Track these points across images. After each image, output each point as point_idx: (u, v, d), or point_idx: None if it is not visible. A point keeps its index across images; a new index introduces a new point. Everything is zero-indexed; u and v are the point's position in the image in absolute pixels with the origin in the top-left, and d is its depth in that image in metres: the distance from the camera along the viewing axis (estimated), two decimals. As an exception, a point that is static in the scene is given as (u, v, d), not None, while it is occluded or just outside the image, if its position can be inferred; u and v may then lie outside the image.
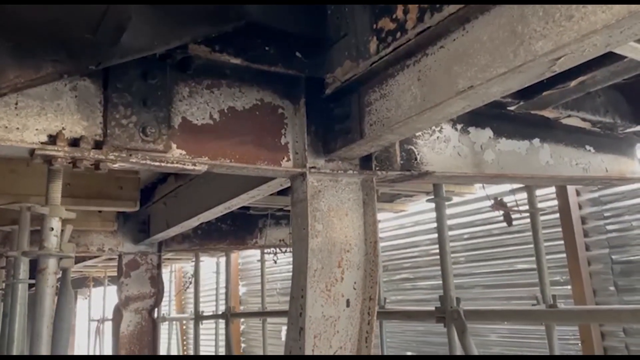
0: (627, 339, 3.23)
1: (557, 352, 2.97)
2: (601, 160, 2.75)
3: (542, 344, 3.49)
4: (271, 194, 4.04)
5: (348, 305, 2.09)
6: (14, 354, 2.57)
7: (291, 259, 2.11)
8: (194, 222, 3.40)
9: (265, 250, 5.99)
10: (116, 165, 1.60)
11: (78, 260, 5.19)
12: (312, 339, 1.98)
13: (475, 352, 2.67)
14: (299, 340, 1.97)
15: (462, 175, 2.33)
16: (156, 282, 4.13)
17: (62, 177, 1.68)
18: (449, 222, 3.15)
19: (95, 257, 4.91)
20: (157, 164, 1.66)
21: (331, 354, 2.04)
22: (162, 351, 8.10)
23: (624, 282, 3.25)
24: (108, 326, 7.79)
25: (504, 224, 4.14)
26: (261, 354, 6.40)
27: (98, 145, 1.55)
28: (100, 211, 3.44)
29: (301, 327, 1.97)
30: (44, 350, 1.57)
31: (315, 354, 1.99)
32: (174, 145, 1.71)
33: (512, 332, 4.02)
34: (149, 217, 4.01)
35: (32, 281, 2.24)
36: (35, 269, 1.69)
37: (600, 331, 3.32)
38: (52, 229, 1.62)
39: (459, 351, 2.83)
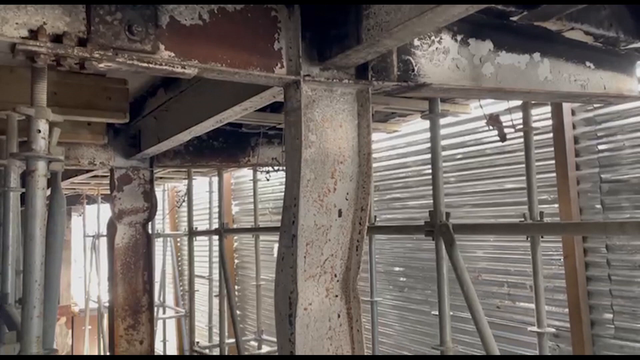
0: (609, 254, 3.34)
1: (540, 267, 3.07)
2: (600, 77, 2.70)
3: (526, 260, 3.62)
4: (263, 111, 4.00)
5: (340, 215, 2.11)
6: (9, 261, 2.61)
7: (283, 179, 2.11)
8: (185, 137, 3.36)
9: (258, 169, 6.02)
10: (102, 65, 1.54)
11: (70, 174, 5.19)
12: (304, 246, 2.02)
13: (462, 264, 2.75)
14: (291, 247, 2.01)
15: (459, 88, 2.28)
16: (149, 196, 4.15)
17: (46, 77, 1.62)
18: (442, 142, 3.14)
19: (87, 171, 4.91)
20: (144, 65, 1.59)
21: (322, 260, 2.09)
22: (157, 266, 8.34)
23: (611, 200, 3.31)
24: (103, 242, 7.95)
25: (497, 144, 4.15)
26: (254, 269, 6.61)
27: (82, 43, 1.48)
28: (89, 123, 3.37)
29: (293, 235, 2.00)
30: (38, 251, 1.59)
31: (307, 260, 2.04)
32: (162, 47, 1.64)
33: (498, 249, 4.15)
34: (140, 131, 3.96)
35: (24, 190, 2.24)
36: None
37: (584, 247, 3.43)
38: (39, 131, 1.58)
39: (446, 264, 2.92)
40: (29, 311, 1.54)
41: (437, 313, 3.01)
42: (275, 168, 5.29)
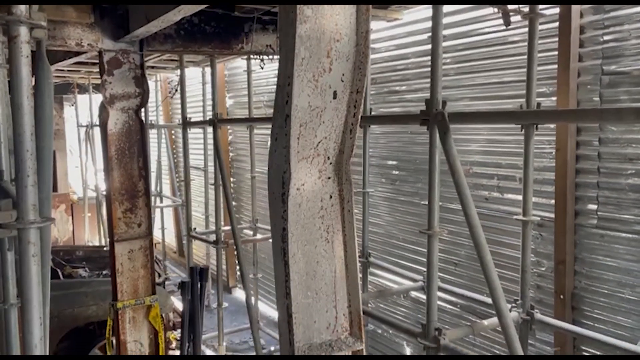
0: (600, 147, 3.35)
1: (531, 158, 3.09)
2: (615, -42, 2.54)
3: (517, 153, 3.65)
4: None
5: (335, 97, 2.07)
6: (1, 139, 2.59)
7: (277, 70, 2.03)
8: (174, 16, 3.20)
9: (252, 58, 5.85)
10: None
11: (57, 58, 5.02)
12: (298, 127, 2.00)
13: (455, 152, 2.76)
14: (284, 127, 1.99)
15: (465, -37, 2.14)
16: (140, 82, 4.05)
17: None
18: (444, 32, 2.99)
19: (75, 54, 4.75)
20: None
21: (316, 143, 2.09)
22: (153, 157, 8.39)
23: (610, 93, 3.26)
24: (97, 132, 7.92)
25: (500, 34, 4.01)
26: (249, 162, 6.67)
27: None
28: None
29: (287, 115, 1.97)
30: (27, 121, 1.57)
31: (300, 142, 2.03)
32: None
33: (491, 142, 4.16)
34: (127, 11, 3.77)
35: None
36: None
37: (576, 140, 3.44)
38: (18, -7, 1.49)
39: (438, 156, 2.93)
40: (23, 180, 1.55)
41: (426, 203, 3.08)
42: (270, 57, 5.14)
